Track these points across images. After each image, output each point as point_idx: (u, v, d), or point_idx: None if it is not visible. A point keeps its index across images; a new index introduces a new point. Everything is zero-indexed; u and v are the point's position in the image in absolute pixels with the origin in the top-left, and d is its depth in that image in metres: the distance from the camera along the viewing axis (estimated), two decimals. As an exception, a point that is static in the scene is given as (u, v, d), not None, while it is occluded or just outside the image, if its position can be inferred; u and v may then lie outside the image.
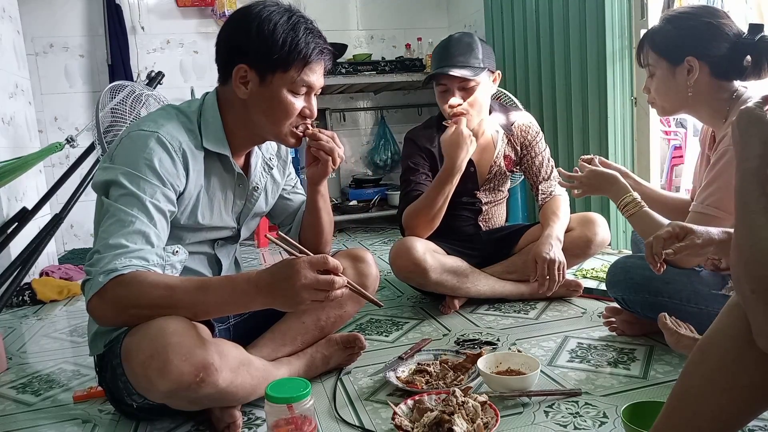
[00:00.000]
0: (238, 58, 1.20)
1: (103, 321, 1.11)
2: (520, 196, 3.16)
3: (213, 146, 1.25)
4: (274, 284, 1.05)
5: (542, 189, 2.02)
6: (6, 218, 2.45)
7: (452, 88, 1.86)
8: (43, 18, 3.58)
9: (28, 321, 2.23)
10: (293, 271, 1.03)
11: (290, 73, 1.20)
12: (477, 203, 2.05)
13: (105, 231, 1.09)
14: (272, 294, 1.05)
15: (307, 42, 1.20)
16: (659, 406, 0.90)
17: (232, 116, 1.27)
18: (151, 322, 1.04)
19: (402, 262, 1.82)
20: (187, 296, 1.06)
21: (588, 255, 1.97)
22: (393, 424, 1.13)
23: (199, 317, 1.10)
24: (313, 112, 1.29)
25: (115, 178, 1.13)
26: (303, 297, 1.03)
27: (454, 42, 1.89)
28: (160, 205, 1.13)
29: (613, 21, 2.51)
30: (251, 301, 1.08)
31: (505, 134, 2.04)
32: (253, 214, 1.44)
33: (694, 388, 0.78)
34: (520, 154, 2.05)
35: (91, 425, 1.30)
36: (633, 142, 2.57)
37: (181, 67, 3.84)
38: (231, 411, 1.18)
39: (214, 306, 1.08)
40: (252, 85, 1.21)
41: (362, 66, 3.64)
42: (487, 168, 2.04)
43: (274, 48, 1.17)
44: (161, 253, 1.12)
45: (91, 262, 1.08)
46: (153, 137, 1.15)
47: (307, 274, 1.02)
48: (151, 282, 1.06)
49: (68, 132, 3.24)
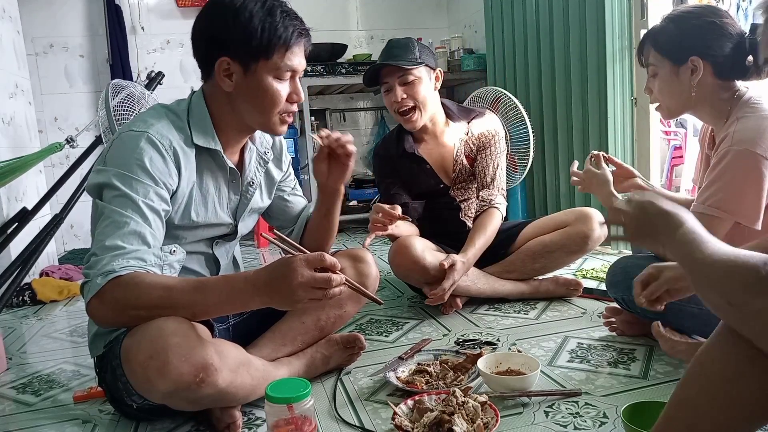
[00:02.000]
0: (219, 51, 1.19)
1: (103, 322, 1.11)
2: (520, 196, 3.16)
3: (203, 142, 1.25)
4: (271, 283, 1.05)
5: (482, 196, 2.00)
6: (6, 218, 2.45)
7: (393, 85, 1.91)
8: (43, 18, 3.58)
9: (28, 321, 2.23)
10: (290, 269, 1.02)
11: (273, 60, 1.19)
12: (453, 201, 2.06)
13: (101, 233, 1.09)
14: (270, 293, 1.05)
15: (285, 26, 1.19)
16: (659, 407, 0.90)
17: (219, 111, 1.26)
18: (150, 323, 1.04)
19: (401, 260, 1.83)
20: (184, 297, 1.06)
21: (585, 250, 1.95)
22: (393, 424, 1.13)
23: (198, 317, 1.10)
24: (300, 96, 1.27)
25: (107, 180, 1.12)
26: (300, 295, 1.02)
27: (392, 43, 1.96)
28: (153, 205, 1.13)
29: (613, 21, 2.51)
30: (249, 300, 1.08)
31: (465, 132, 2.05)
32: (250, 209, 1.44)
33: (692, 400, 0.78)
34: (475, 153, 2.04)
35: (91, 425, 1.30)
36: (633, 142, 2.57)
37: (181, 67, 3.84)
38: (231, 411, 1.18)
39: (212, 306, 1.08)
40: (236, 77, 1.20)
41: (362, 66, 3.64)
42: (449, 166, 2.05)
43: (253, 36, 1.16)
44: (158, 252, 1.13)
45: (88, 264, 1.08)
46: (143, 137, 1.15)
47: (303, 272, 1.02)
48: (149, 283, 1.06)
49: (68, 132, 3.24)
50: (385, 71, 1.92)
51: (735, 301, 0.67)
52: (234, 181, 1.35)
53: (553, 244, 1.91)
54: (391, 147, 2.08)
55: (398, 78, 1.90)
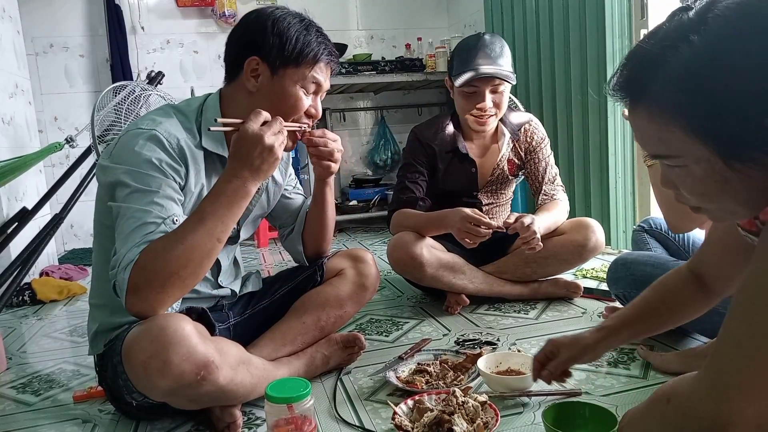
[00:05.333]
0: (251, 52, 1.22)
1: (153, 309, 1.07)
2: (520, 195, 3.16)
3: (212, 147, 1.25)
4: (248, 159, 1.10)
5: (545, 190, 2.02)
6: (6, 218, 2.45)
7: (484, 91, 1.87)
8: (43, 18, 3.58)
9: (28, 321, 2.23)
10: (250, 135, 1.10)
11: (301, 69, 1.23)
12: (477, 204, 2.05)
13: (119, 232, 1.09)
14: (254, 168, 1.11)
15: (318, 42, 1.24)
16: (581, 407, 1.01)
17: (234, 115, 1.25)
18: (151, 322, 1.04)
19: (399, 256, 1.83)
20: (196, 233, 1.07)
21: (580, 260, 1.95)
22: (393, 424, 1.13)
23: (222, 238, 1.12)
24: (318, 112, 1.30)
25: (118, 179, 1.12)
26: (273, 145, 1.11)
27: (487, 43, 1.89)
28: (168, 193, 1.13)
29: (613, 21, 2.51)
30: (246, 190, 1.12)
31: (512, 139, 2.04)
32: (254, 215, 1.44)
33: None
34: (524, 159, 2.06)
35: (91, 425, 1.30)
36: (633, 142, 2.57)
37: (181, 67, 3.84)
38: (231, 410, 1.18)
39: (225, 220, 1.10)
40: (263, 78, 1.22)
41: (362, 66, 3.64)
42: (489, 170, 2.04)
43: (288, 43, 1.21)
44: (164, 228, 1.10)
45: (112, 263, 1.08)
46: (150, 135, 1.16)
47: (256, 127, 1.11)
48: (163, 248, 1.05)
49: (68, 132, 3.24)
50: (481, 77, 1.85)
51: None
52: None
53: (546, 250, 1.86)
54: (437, 137, 2.01)
55: (491, 86, 1.87)
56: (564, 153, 2.91)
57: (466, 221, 1.68)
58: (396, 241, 1.85)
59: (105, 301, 1.23)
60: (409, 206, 1.95)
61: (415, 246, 1.81)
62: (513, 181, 2.11)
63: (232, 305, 1.46)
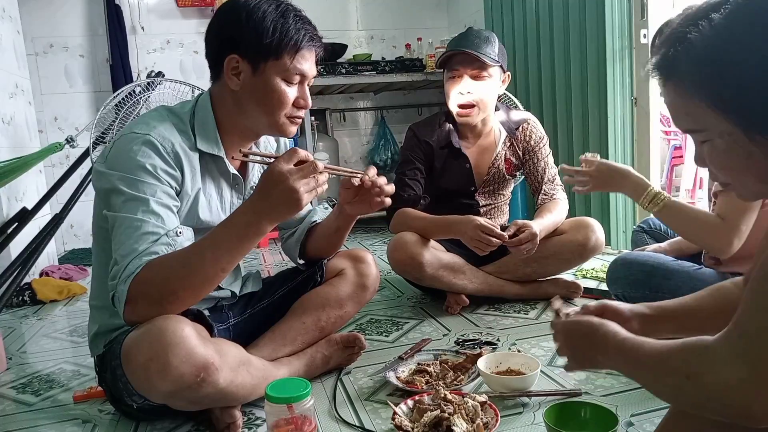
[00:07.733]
0: (229, 49, 1.19)
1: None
2: (520, 196, 3.16)
3: (206, 147, 1.24)
4: (269, 198, 1.08)
5: (545, 190, 2.01)
6: (6, 218, 2.45)
7: (464, 76, 1.88)
8: (43, 18, 3.58)
9: (28, 321, 2.23)
10: (276, 174, 1.07)
11: (283, 61, 1.18)
12: (474, 205, 2.04)
13: (117, 242, 1.08)
14: (272, 206, 1.08)
15: (297, 28, 1.19)
16: (582, 407, 1.00)
17: (225, 114, 1.25)
18: (151, 324, 1.04)
19: (398, 256, 1.83)
20: (205, 260, 1.07)
21: (581, 260, 1.95)
22: (393, 424, 1.13)
23: (227, 269, 1.11)
24: (308, 102, 1.27)
25: (113, 185, 1.12)
26: (298, 189, 1.06)
27: (474, 32, 1.92)
28: (163, 201, 1.12)
29: (613, 21, 2.51)
30: (259, 226, 1.10)
31: (508, 137, 2.03)
32: None
33: None
34: (522, 158, 2.05)
35: (91, 425, 1.30)
36: (633, 142, 2.57)
37: (181, 67, 3.84)
38: (231, 411, 1.18)
39: (234, 251, 1.10)
40: (244, 76, 1.19)
41: (362, 66, 3.64)
42: (485, 168, 2.03)
43: (264, 35, 1.16)
44: (167, 240, 1.10)
45: (111, 275, 1.07)
46: (145, 140, 1.14)
47: (288, 169, 1.07)
48: (166, 266, 1.05)
49: (68, 132, 3.24)
50: (460, 59, 1.87)
51: (693, 370, 0.64)
52: (237, 186, 1.34)
53: (546, 250, 1.88)
54: (434, 134, 2.01)
55: (471, 70, 1.87)
56: (564, 153, 2.91)
57: (480, 230, 1.68)
58: (396, 241, 1.85)
59: (105, 302, 1.22)
60: (411, 205, 1.95)
61: (415, 246, 1.81)
62: (511, 181, 2.11)
63: (231, 305, 1.46)
